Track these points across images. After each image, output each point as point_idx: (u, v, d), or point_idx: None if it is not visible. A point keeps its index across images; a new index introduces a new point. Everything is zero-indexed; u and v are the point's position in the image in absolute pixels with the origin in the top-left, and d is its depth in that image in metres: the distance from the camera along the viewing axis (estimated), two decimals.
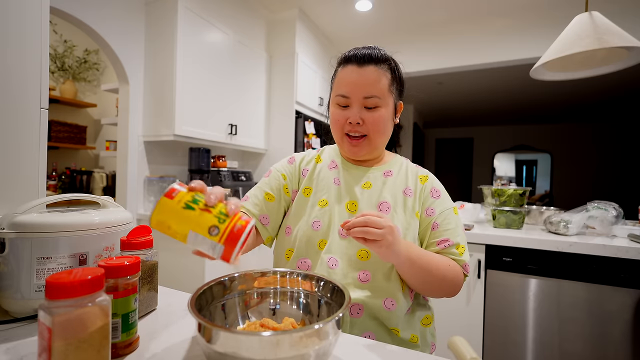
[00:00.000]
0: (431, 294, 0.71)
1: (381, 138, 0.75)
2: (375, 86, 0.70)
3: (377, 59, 0.71)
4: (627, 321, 1.32)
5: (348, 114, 0.72)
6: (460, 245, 0.71)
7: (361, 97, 0.70)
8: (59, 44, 2.76)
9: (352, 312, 0.67)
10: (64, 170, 2.76)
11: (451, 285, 0.68)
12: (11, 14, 0.69)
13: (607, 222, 1.48)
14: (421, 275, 0.65)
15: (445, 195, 0.77)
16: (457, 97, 5.48)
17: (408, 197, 0.74)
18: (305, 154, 0.87)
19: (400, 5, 2.83)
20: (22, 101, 0.71)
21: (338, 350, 0.50)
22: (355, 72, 0.71)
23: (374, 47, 0.74)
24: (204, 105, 2.28)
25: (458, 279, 0.69)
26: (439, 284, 0.67)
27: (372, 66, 0.70)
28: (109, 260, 0.46)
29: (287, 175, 0.81)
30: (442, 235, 0.72)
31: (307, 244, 0.73)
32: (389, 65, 0.72)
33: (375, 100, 0.70)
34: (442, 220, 0.73)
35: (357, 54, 0.72)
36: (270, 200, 0.77)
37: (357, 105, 0.71)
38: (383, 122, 0.72)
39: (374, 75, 0.70)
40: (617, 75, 1.87)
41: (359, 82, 0.70)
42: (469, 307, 1.59)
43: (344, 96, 0.72)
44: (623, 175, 6.56)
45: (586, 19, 1.36)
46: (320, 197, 0.77)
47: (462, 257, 0.70)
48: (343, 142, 0.76)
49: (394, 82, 0.73)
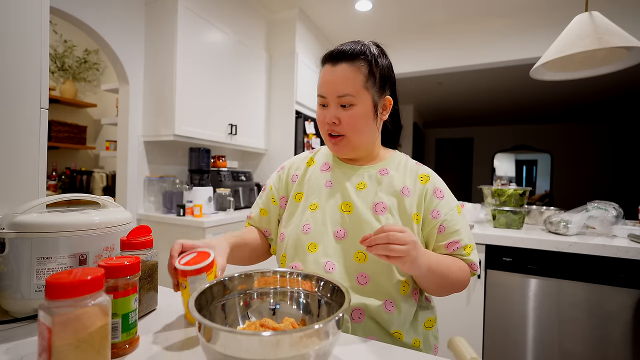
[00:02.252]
0: (442, 295, 0.74)
1: (359, 136, 0.72)
2: (347, 84, 0.69)
3: (350, 55, 0.69)
4: (627, 321, 1.32)
5: (326, 113, 0.72)
6: (468, 245, 0.72)
7: (335, 96, 0.70)
8: (59, 44, 2.75)
9: (353, 317, 0.67)
10: (64, 170, 2.76)
11: (462, 285, 0.72)
12: (11, 14, 0.69)
13: (607, 222, 1.48)
14: (438, 282, 0.67)
15: (449, 194, 0.76)
16: (457, 97, 5.48)
17: (405, 197, 0.72)
18: (295, 159, 0.88)
19: (400, 5, 2.83)
20: (22, 101, 0.71)
21: (338, 350, 0.50)
22: (329, 71, 0.71)
23: (357, 41, 0.72)
24: (204, 105, 2.28)
25: (468, 279, 0.73)
26: (451, 286, 0.70)
27: (345, 64, 0.69)
28: (109, 260, 0.46)
29: (274, 186, 0.86)
30: (450, 237, 0.71)
31: (296, 247, 0.73)
32: (365, 60, 0.69)
33: (349, 99, 0.69)
34: (449, 222, 0.72)
35: (332, 53, 0.72)
36: (264, 215, 0.85)
37: (333, 105, 0.71)
38: (358, 120, 0.70)
39: (346, 73, 0.69)
40: (617, 75, 1.86)
41: (332, 81, 0.70)
42: (469, 307, 1.59)
43: (322, 96, 0.72)
44: (623, 175, 6.55)
45: (586, 19, 1.36)
46: (311, 200, 0.76)
47: (471, 257, 0.72)
48: (326, 142, 0.77)
49: (371, 77, 0.70)
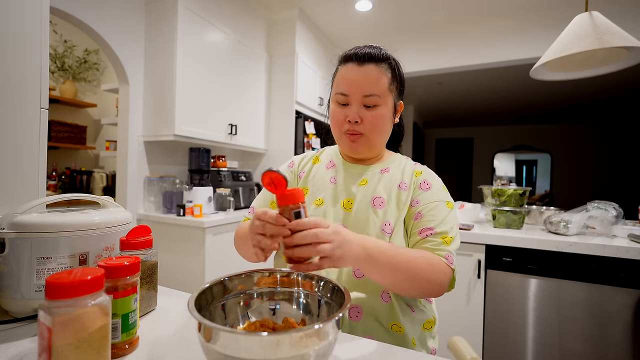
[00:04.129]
0: (409, 293, 0.64)
1: (379, 137, 0.74)
2: (375, 85, 0.70)
3: (377, 58, 0.71)
4: (627, 321, 1.32)
5: (347, 111, 0.72)
6: (446, 235, 0.66)
7: (361, 96, 0.70)
8: (59, 44, 2.75)
9: (351, 315, 0.67)
10: (64, 170, 2.76)
11: (429, 281, 0.60)
12: (11, 14, 0.69)
13: (607, 222, 1.48)
14: (388, 272, 0.58)
15: (439, 189, 0.74)
16: (457, 97, 5.48)
17: (402, 191, 0.74)
18: (304, 156, 0.88)
19: (400, 6, 2.83)
20: (22, 101, 0.71)
21: (338, 350, 0.50)
22: (355, 70, 0.71)
23: (375, 46, 0.74)
24: (204, 105, 2.28)
25: (438, 274, 0.61)
26: (412, 280, 0.59)
27: (372, 65, 0.70)
28: (108, 260, 0.46)
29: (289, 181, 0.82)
30: (425, 224, 0.68)
31: None
32: (389, 64, 0.72)
33: (375, 99, 0.70)
34: (428, 211, 0.69)
35: (357, 53, 0.72)
36: (274, 207, 0.78)
37: (357, 104, 0.71)
38: (382, 121, 0.72)
39: (374, 74, 0.70)
40: (617, 75, 1.87)
41: (359, 80, 0.70)
42: (469, 307, 1.59)
43: (344, 94, 0.72)
44: (623, 175, 6.55)
45: (586, 19, 1.36)
46: (316, 196, 0.77)
47: (445, 247, 0.64)
48: (342, 140, 0.76)
49: (394, 81, 0.73)
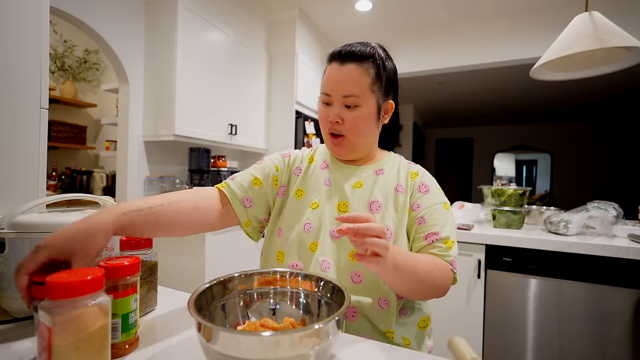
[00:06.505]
0: (418, 298, 0.68)
1: (361, 138, 0.73)
2: (354, 85, 0.69)
3: (359, 57, 0.69)
4: (627, 321, 1.32)
5: (329, 111, 0.72)
6: (449, 239, 0.68)
7: (340, 96, 0.70)
8: (59, 44, 2.76)
9: (347, 316, 0.66)
10: (64, 170, 2.76)
11: (439, 287, 0.64)
12: (11, 14, 0.69)
13: (607, 222, 1.48)
14: (407, 281, 0.59)
15: (436, 191, 0.75)
16: (457, 97, 5.48)
17: (399, 195, 0.73)
18: (300, 152, 0.86)
19: (400, 6, 2.83)
20: (22, 101, 0.71)
21: (338, 350, 0.50)
22: (336, 70, 0.70)
23: (365, 43, 0.72)
24: (204, 105, 2.28)
25: (446, 279, 0.64)
26: (426, 287, 0.62)
27: (353, 64, 0.69)
28: (108, 260, 0.46)
29: (280, 168, 0.80)
30: (429, 229, 0.69)
31: (298, 246, 0.72)
32: (373, 63, 0.70)
33: (354, 99, 0.69)
34: (430, 214, 0.70)
35: (340, 52, 0.71)
36: (257, 185, 0.76)
37: (338, 104, 0.71)
38: (362, 121, 0.71)
39: (354, 74, 0.69)
40: (617, 75, 1.87)
41: (339, 80, 0.70)
42: (468, 307, 1.59)
43: (327, 94, 0.72)
44: (623, 175, 6.55)
45: (586, 19, 1.36)
46: (312, 199, 0.76)
47: (450, 252, 0.67)
48: (327, 141, 0.76)
49: (378, 80, 0.70)
